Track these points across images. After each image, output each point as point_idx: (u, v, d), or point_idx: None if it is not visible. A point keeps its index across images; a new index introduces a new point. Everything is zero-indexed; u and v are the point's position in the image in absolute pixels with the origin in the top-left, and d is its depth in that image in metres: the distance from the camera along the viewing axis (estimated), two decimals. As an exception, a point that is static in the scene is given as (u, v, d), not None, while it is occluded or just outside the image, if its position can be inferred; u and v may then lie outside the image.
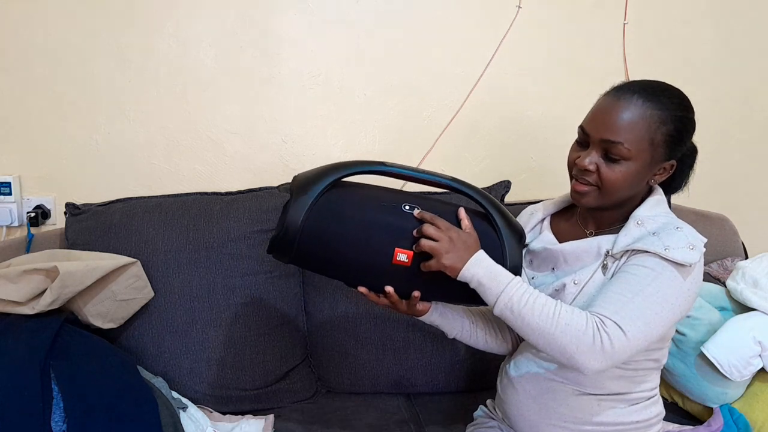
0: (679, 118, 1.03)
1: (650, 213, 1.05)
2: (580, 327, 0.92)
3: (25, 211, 1.64)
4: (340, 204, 1.02)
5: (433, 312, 1.13)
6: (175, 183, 1.68)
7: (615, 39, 1.77)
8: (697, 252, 0.99)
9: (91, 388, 1.12)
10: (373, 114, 1.72)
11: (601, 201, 1.05)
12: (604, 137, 1.01)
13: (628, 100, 1.01)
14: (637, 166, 1.01)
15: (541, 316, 0.94)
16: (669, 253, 0.97)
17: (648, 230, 1.02)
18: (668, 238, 0.99)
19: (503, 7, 1.70)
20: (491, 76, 1.71)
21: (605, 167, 1.02)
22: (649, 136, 1.00)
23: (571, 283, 1.06)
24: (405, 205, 1.03)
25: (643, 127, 1.00)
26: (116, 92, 1.62)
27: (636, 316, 0.94)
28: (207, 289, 1.45)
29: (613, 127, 1.00)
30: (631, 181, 1.03)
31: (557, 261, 1.11)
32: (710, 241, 1.72)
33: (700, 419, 1.36)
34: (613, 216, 1.10)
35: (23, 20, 1.57)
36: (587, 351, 0.92)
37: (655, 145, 1.01)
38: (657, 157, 1.03)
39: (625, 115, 1.00)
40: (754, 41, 1.84)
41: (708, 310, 1.36)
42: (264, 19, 1.63)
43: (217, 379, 1.42)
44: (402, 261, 0.99)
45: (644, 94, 1.01)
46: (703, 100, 1.85)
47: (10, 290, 1.20)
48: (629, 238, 1.03)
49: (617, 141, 1.00)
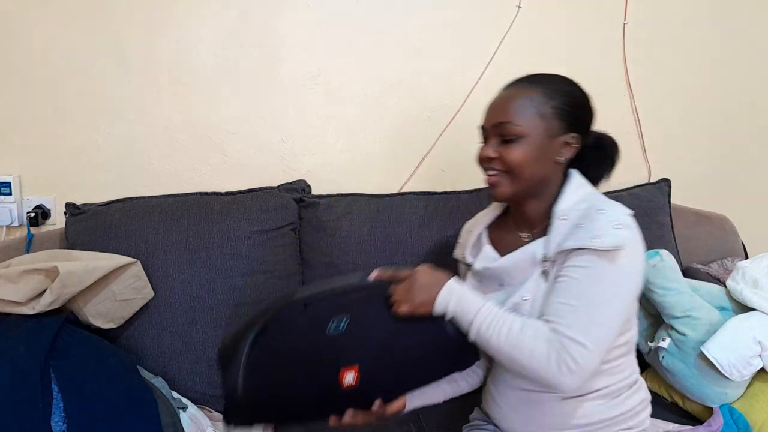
0: (565, 92, 1.07)
1: (570, 202, 1.05)
2: (542, 355, 0.93)
3: (25, 211, 1.64)
4: (270, 353, 1.00)
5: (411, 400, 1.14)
6: (175, 183, 1.68)
7: (615, 39, 1.77)
8: (625, 229, 0.98)
9: (91, 388, 1.12)
10: (373, 114, 1.72)
11: (514, 186, 1.06)
12: (494, 122, 1.06)
13: (513, 87, 1.09)
14: (534, 140, 1.04)
15: (507, 344, 0.96)
16: (597, 242, 0.96)
17: (572, 222, 1.01)
18: (592, 225, 0.98)
19: (503, 7, 1.70)
20: (491, 76, 1.71)
21: (505, 150, 1.05)
22: (537, 111, 1.04)
23: (521, 300, 1.04)
24: (330, 327, 1.00)
25: (529, 104, 1.05)
26: (116, 92, 1.62)
27: (589, 323, 0.94)
28: (207, 289, 1.45)
29: (501, 110, 1.06)
30: (534, 156, 1.04)
31: (501, 277, 1.10)
32: (710, 241, 1.75)
33: (700, 419, 1.36)
34: (537, 209, 1.09)
35: (23, 21, 1.57)
36: (556, 376, 0.93)
37: (546, 118, 1.04)
38: (552, 131, 1.05)
39: (510, 99, 1.06)
40: (754, 41, 1.84)
41: (708, 310, 1.36)
42: (264, 19, 1.63)
43: (217, 379, 1.42)
44: (350, 384, 0.99)
45: (527, 80, 1.09)
46: (702, 100, 1.86)
47: (10, 290, 1.20)
48: (558, 236, 1.02)
49: (506, 121, 1.04)
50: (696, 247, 1.72)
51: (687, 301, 1.36)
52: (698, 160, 1.88)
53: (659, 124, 1.84)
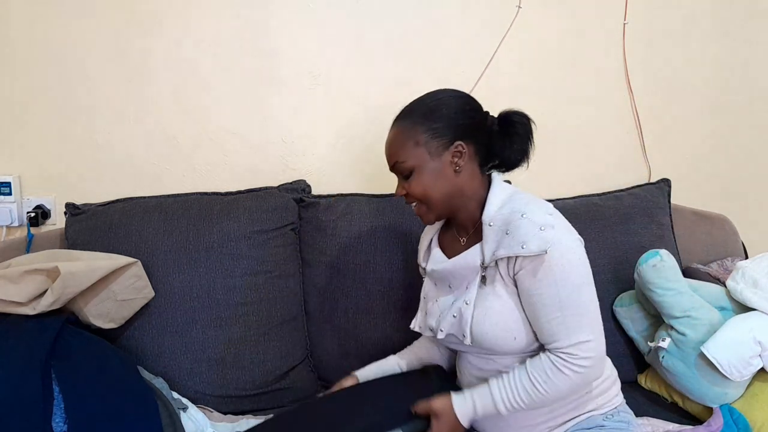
0: (428, 111, 1.11)
1: (495, 207, 1.09)
2: (560, 380, 1.01)
3: (25, 211, 1.64)
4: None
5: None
6: (175, 183, 1.68)
7: (615, 39, 1.77)
8: (548, 229, 1.01)
9: (92, 388, 1.12)
10: (373, 114, 1.71)
11: (435, 212, 1.13)
12: (390, 164, 1.15)
13: (393, 125, 1.16)
14: (425, 168, 1.10)
15: (534, 399, 1.03)
16: (527, 248, 1.00)
17: (500, 228, 1.05)
18: (518, 231, 1.02)
19: (503, 7, 1.71)
20: (491, 76, 1.71)
21: (408, 185, 1.12)
22: (414, 141, 1.10)
23: (464, 304, 1.09)
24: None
25: (404, 138, 1.11)
26: (116, 92, 1.62)
27: (579, 320, 1.01)
28: (207, 289, 1.45)
29: (390, 152, 1.14)
30: (434, 181, 1.10)
31: (449, 279, 1.16)
32: (710, 241, 1.75)
33: (700, 419, 1.36)
34: (466, 217, 1.15)
35: (23, 21, 1.57)
36: (581, 379, 1.02)
37: (423, 144, 1.10)
38: (435, 151, 1.09)
39: (392, 139, 1.14)
40: (753, 41, 1.84)
41: (708, 310, 1.36)
42: (264, 19, 1.63)
43: (217, 379, 1.42)
44: None
45: (402, 115, 1.15)
46: (702, 100, 1.87)
47: (11, 291, 1.20)
48: (491, 244, 1.06)
49: (396, 161, 1.13)
50: (696, 247, 1.72)
51: (687, 301, 1.36)
52: (698, 160, 1.88)
53: (659, 124, 1.84)
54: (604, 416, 1.13)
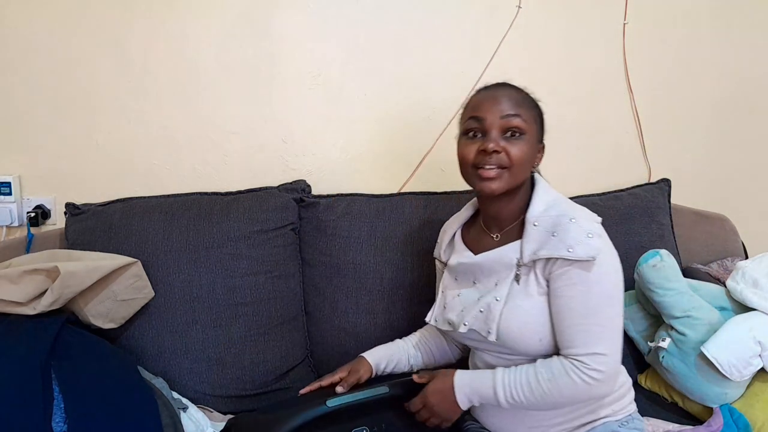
0: (537, 104, 1.14)
1: (541, 208, 1.09)
2: (569, 385, 1.01)
3: (25, 211, 1.64)
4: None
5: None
6: (175, 183, 1.68)
7: (615, 39, 1.77)
8: (596, 238, 1.02)
9: (92, 388, 1.12)
10: (373, 114, 1.71)
11: (509, 182, 1.08)
12: (504, 113, 1.07)
13: (508, 87, 1.12)
14: (531, 141, 1.09)
15: (538, 398, 1.02)
16: (574, 253, 1.00)
17: (545, 230, 1.05)
18: (566, 235, 1.02)
19: (503, 7, 1.70)
20: (491, 76, 1.71)
21: (509, 145, 1.07)
22: (535, 111, 1.11)
23: (494, 300, 1.08)
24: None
25: (529, 103, 1.11)
26: (116, 92, 1.62)
27: (600, 333, 1.01)
28: (207, 289, 1.45)
29: (509, 103, 1.08)
30: (530, 155, 1.09)
31: (475, 273, 1.15)
32: (710, 241, 1.75)
33: (700, 419, 1.36)
34: (508, 210, 1.13)
35: (23, 20, 1.57)
36: (590, 391, 1.01)
37: (536, 122, 1.11)
38: (538, 136, 1.12)
39: (515, 96, 1.10)
40: (753, 41, 1.84)
41: (708, 310, 1.36)
42: (264, 18, 1.63)
43: (217, 379, 1.42)
44: None
45: (514, 86, 1.13)
46: (702, 100, 1.86)
47: (11, 291, 1.20)
48: (533, 244, 1.05)
49: (516, 113, 1.07)
50: (696, 247, 1.72)
51: (687, 301, 1.36)
52: (698, 161, 1.88)
53: (659, 124, 1.84)
54: (620, 423, 1.12)
